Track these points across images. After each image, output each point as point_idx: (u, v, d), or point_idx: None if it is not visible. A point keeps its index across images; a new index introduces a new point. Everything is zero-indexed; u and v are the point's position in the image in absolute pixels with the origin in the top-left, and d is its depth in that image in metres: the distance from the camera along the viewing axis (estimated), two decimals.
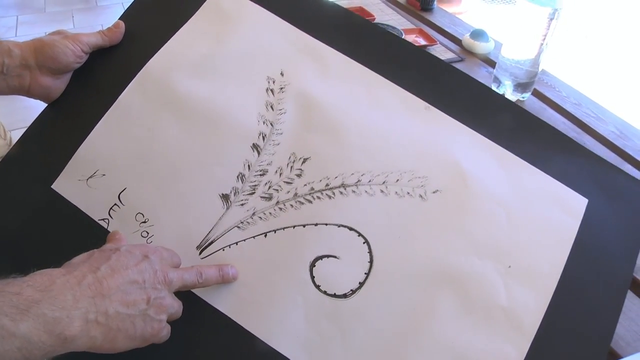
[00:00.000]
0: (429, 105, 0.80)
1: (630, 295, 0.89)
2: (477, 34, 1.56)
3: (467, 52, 1.56)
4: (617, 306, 0.72)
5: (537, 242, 0.73)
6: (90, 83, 0.79)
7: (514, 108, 0.85)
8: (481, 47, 1.54)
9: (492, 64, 1.48)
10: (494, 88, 1.35)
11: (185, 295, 0.67)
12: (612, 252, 0.75)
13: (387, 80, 0.82)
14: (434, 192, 0.73)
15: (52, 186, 0.74)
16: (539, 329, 0.68)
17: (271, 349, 0.66)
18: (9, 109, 2.79)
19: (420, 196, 0.73)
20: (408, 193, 0.73)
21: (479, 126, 0.80)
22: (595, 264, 0.73)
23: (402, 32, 1.53)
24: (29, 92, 0.75)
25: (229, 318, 0.67)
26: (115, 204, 0.72)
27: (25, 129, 0.78)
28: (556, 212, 0.75)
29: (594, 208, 0.76)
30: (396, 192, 0.73)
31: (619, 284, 0.73)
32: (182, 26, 0.83)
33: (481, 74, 1.45)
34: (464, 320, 0.68)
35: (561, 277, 0.71)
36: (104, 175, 0.73)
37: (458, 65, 1.48)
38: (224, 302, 0.68)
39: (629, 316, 0.85)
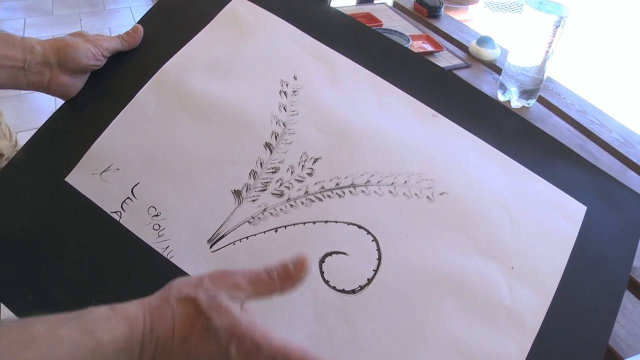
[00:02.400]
0: (437, 113, 0.83)
1: (631, 298, 0.90)
2: (484, 41, 1.57)
3: (474, 59, 1.57)
4: (614, 308, 0.73)
5: (538, 245, 0.75)
6: (108, 82, 0.81)
7: (518, 119, 0.88)
8: (487, 53, 1.55)
9: (498, 70, 1.49)
10: (499, 94, 1.36)
11: None
12: (609, 257, 0.77)
13: (397, 87, 0.84)
14: (440, 194, 0.75)
15: (65, 179, 0.75)
16: (540, 328, 0.69)
17: None
18: (15, 111, 2.81)
19: (428, 197, 0.75)
20: (416, 194, 0.75)
21: (484, 134, 0.82)
22: (594, 268, 0.75)
23: (410, 38, 1.54)
24: (48, 89, 0.77)
25: None
26: (128, 197, 0.73)
27: (31, 131, 0.79)
28: (556, 217, 0.77)
29: (592, 215, 0.79)
30: (404, 193, 0.75)
31: (616, 287, 0.75)
32: (199, 32, 0.85)
33: (487, 81, 1.46)
34: (469, 318, 0.69)
35: (562, 279, 0.73)
36: (118, 169, 0.74)
37: (464, 72, 1.49)
38: None
39: (630, 319, 0.86)
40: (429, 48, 1.57)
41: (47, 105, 2.84)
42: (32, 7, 4.32)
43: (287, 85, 0.82)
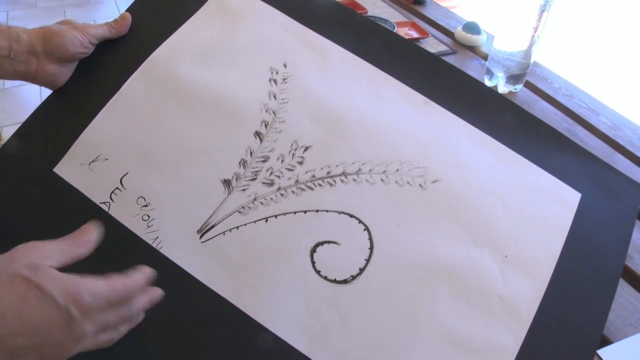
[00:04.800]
0: (429, 100, 0.82)
1: (620, 281, 0.90)
2: (470, 27, 1.57)
3: (460, 45, 1.57)
4: (609, 295, 0.74)
5: (532, 233, 0.75)
6: (96, 71, 0.80)
7: (512, 105, 0.88)
8: (473, 39, 1.55)
9: (484, 56, 1.49)
10: (486, 80, 1.36)
11: (183, 277, 0.68)
12: (604, 244, 0.77)
13: (388, 75, 0.84)
14: (433, 182, 0.75)
15: (54, 170, 0.74)
16: (535, 317, 0.69)
17: (271, 334, 0.66)
18: (0, 106, 2.79)
19: (420, 185, 0.75)
20: (408, 182, 0.75)
21: (477, 121, 0.82)
22: (588, 255, 0.75)
23: (395, 24, 1.54)
24: (35, 79, 0.75)
25: (229, 302, 0.68)
26: (117, 188, 0.72)
27: (16, 125, 0.78)
28: (551, 204, 0.77)
29: (587, 202, 0.79)
30: (396, 181, 0.74)
31: (611, 274, 0.76)
32: (187, 19, 0.84)
33: (473, 67, 1.46)
34: (462, 307, 0.69)
35: (556, 266, 0.73)
36: (106, 159, 0.74)
37: (450, 58, 1.49)
38: (224, 286, 0.68)
39: (619, 302, 0.86)
40: (415, 35, 1.57)
41: (32, 99, 2.82)
42: None
43: (277, 73, 0.81)
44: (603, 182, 0.82)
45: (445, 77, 0.87)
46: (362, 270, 0.69)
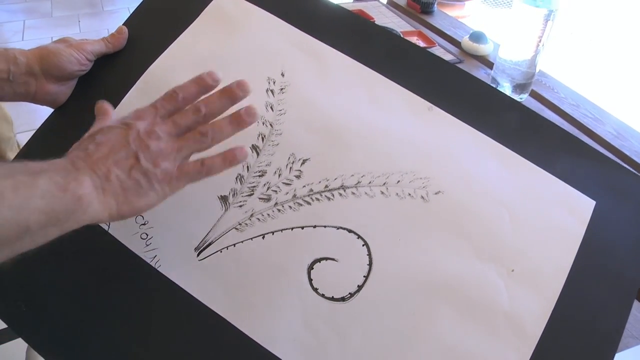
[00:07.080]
0: (432, 106, 0.79)
1: None
2: (476, 36, 1.57)
3: (466, 54, 1.56)
4: (624, 313, 0.70)
5: (541, 246, 0.71)
6: (95, 87, 0.79)
7: (520, 108, 0.83)
8: (480, 49, 1.55)
9: (491, 65, 1.49)
10: None
11: (181, 296, 0.68)
12: (620, 257, 0.72)
13: (390, 80, 0.80)
14: (436, 194, 0.72)
15: None
16: (542, 335, 0.66)
17: (268, 352, 0.66)
18: (13, 113, 2.81)
19: (422, 197, 0.72)
20: (409, 194, 0.72)
21: (484, 126, 0.78)
22: (602, 269, 0.71)
23: (401, 34, 1.54)
24: (35, 99, 0.76)
25: (226, 320, 0.67)
26: None
27: (29, 132, 0.79)
28: (562, 214, 0.73)
29: (601, 210, 0.74)
30: (397, 194, 0.72)
31: (627, 289, 0.71)
32: (184, 30, 0.83)
33: (480, 76, 1.45)
34: (465, 325, 0.67)
35: (566, 281, 0.69)
36: None
37: None
38: (221, 304, 0.68)
39: None
40: (421, 44, 1.57)
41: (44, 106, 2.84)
42: (31, 9, 4.33)
43: (274, 82, 0.79)
44: (619, 187, 0.77)
45: (450, 80, 0.82)
46: (360, 287, 0.68)
